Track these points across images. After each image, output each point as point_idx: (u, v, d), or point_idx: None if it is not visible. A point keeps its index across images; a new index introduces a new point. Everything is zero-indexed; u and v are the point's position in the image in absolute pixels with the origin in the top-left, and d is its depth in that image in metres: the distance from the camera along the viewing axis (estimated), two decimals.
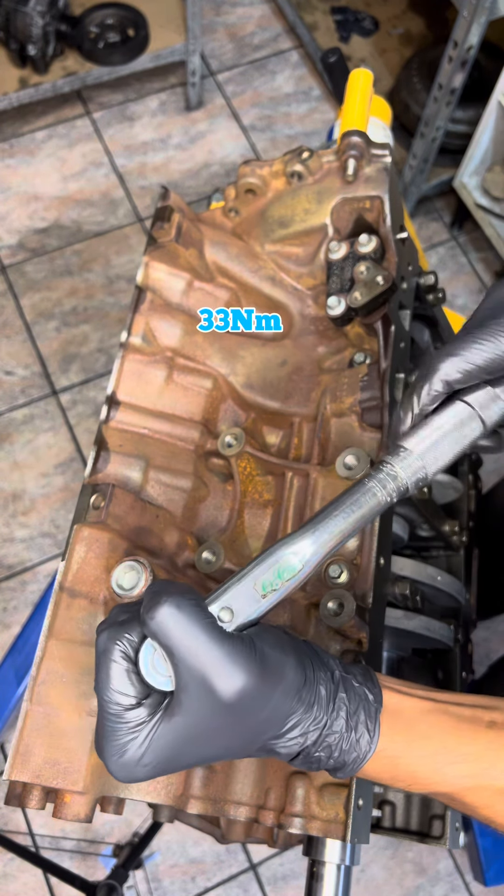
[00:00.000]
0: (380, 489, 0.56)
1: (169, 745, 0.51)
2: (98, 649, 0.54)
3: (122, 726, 0.52)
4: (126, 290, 2.23)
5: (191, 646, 0.50)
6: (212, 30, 2.58)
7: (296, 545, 0.54)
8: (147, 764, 0.51)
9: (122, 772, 0.52)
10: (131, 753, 0.51)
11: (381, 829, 0.95)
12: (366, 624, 0.71)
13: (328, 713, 0.54)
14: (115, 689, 0.52)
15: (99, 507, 0.76)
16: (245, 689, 0.50)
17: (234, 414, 0.92)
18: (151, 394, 0.88)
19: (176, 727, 0.51)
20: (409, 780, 0.57)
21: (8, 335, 2.18)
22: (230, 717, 0.50)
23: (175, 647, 0.50)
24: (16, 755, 0.68)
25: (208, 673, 0.50)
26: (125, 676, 0.52)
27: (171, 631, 0.50)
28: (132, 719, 0.52)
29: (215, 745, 0.52)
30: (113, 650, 0.53)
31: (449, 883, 1.75)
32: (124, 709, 0.52)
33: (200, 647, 0.50)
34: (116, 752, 0.52)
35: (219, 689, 0.50)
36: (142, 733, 0.51)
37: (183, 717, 0.51)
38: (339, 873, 0.70)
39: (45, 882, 1.71)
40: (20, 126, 2.42)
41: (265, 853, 1.75)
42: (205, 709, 0.50)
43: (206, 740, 0.51)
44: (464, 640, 1.00)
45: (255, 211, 0.99)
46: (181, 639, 0.50)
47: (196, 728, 0.51)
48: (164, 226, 0.92)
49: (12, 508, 2.01)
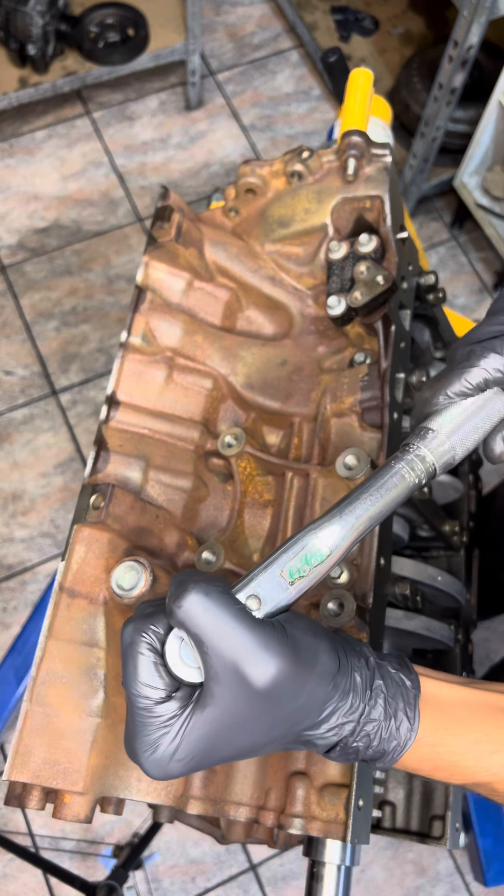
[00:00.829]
0: (408, 471, 0.55)
1: (203, 737, 0.50)
2: (124, 643, 0.52)
3: (153, 721, 0.50)
4: (126, 289, 2.23)
5: (221, 633, 0.48)
6: (212, 29, 2.58)
7: (323, 530, 0.53)
8: (181, 759, 0.50)
9: (155, 768, 0.50)
10: (164, 749, 0.50)
11: (382, 829, 0.95)
12: (366, 624, 0.71)
13: (365, 700, 0.53)
14: (143, 682, 0.51)
15: (99, 508, 0.76)
16: (279, 675, 0.49)
17: (234, 414, 0.92)
18: (151, 394, 0.88)
19: (209, 719, 0.49)
20: (450, 769, 0.56)
21: (8, 335, 2.18)
22: (265, 705, 0.49)
23: (204, 635, 0.49)
24: (15, 755, 0.68)
25: (240, 660, 0.48)
26: (153, 669, 0.51)
27: (199, 619, 0.49)
28: (163, 713, 0.50)
29: (250, 736, 0.50)
30: (139, 643, 0.51)
31: (449, 883, 1.75)
32: (154, 703, 0.50)
33: (231, 633, 0.48)
34: (148, 748, 0.50)
35: (252, 676, 0.48)
36: (174, 727, 0.50)
37: (215, 708, 0.49)
38: (339, 874, 0.70)
39: (44, 882, 1.71)
40: (20, 126, 2.42)
41: (265, 854, 1.75)
42: (238, 698, 0.49)
43: (241, 731, 0.50)
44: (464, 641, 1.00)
45: (255, 211, 0.99)
46: (210, 626, 0.49)
47: (230, 718, 0.49)
48: (164, 225, 0.91)
49: (12, 508, 2.01)
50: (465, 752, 0.55)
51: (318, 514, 0.79)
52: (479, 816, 1.71)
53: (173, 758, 0.50)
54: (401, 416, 0.85)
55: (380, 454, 0.81)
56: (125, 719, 0.53)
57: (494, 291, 2.31)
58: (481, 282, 2.32)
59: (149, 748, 0.50)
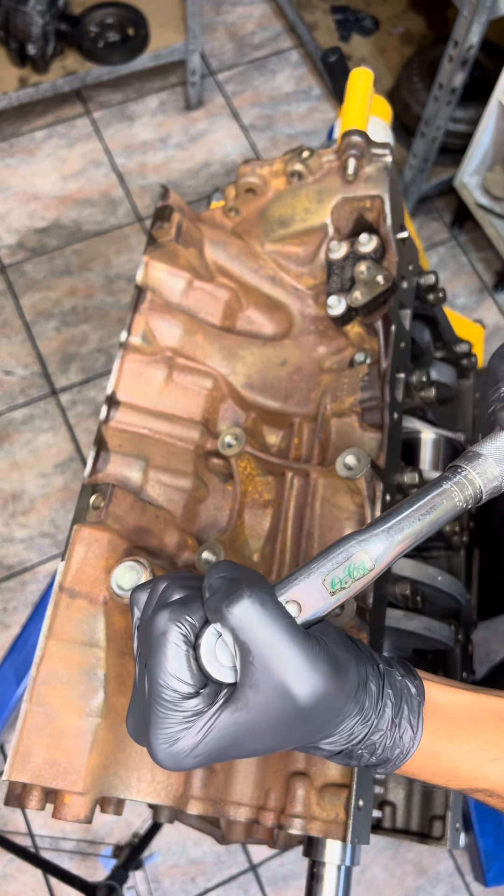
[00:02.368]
0: (457, 493, 0.53)
1: (223, 738, 0.49)
2: (156, 629, 0.50)
3: (177, 714, 0.49)
4: (126, 289, 2.23)
5: (272, 647, 0.48)
6: (212, 29, 2.58)
7: (370, 543, 0.52)
8: (197, 755, 0.49)
9: (169, 761, 0.50)
10: (183, 744, 0.49)
11: (382, 829, 0.95)
12: (366, 624, 0.71)
13: (376, 711, 0.53)
14: (173, 674, 0.49)
15: (99, 507, 0.76)
16: (322, 694, 0.48)
17: (234, 414, 0.92)
18: (151, 394, 0.88)
19: (235, 722, 0.49)
20: (450, 776, 0.56)
21: (7, 335, 2.18)
22: (300, 719, 0.49)
23: (254, 645, 0.48)
24: (15, 756, 0.68)
25: (287, 676, 0.48)
26: (185, 662, 0.49)
27: (252, 628, 0.48)
28: (188, 708, 0.49)
29: (269, 741, 0.50)
30: (173, 632, 0.50)
31: (449, 884, 1.75)
32: (182, 697, 0.49)
33: (282, 649, 0.48)
34: (166, 740, 0.49)
35: (297, 693, 0.48)
36: (197, 724, 0.49)
37: (247, 714, 0.48)
38: (339, 874, 0.70)
39: (44, 883, 1.71)
40: (20, 125, 2.42)
41: (265, 854, 1.74)
42: (276, 709, 0.48)
43: (262, 737, 0.50)
44: (464, 641, 1.00)
45: (256, 210, 0.99)
46: (262, 638, 0.48)
47: (259, 725, 0.49)
48: (164, 225, 0.91)
49: (12, 508, 2.01)
50: (466, 759, 0.55)
51: (319, 513, 0.79)
52: (479, 817, 1.71)
53: (190, 753, 0.49)
54: (401, 415, 0.85)
55: (380, 454, 0.81)
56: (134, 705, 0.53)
57: (495, 291, 2.31)
58: (481, 282, 2.32)
59: (166, 741, 0.49)
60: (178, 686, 0.49)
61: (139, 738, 0.52)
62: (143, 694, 0.51)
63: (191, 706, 0.49)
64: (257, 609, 0.48)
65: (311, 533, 0.79)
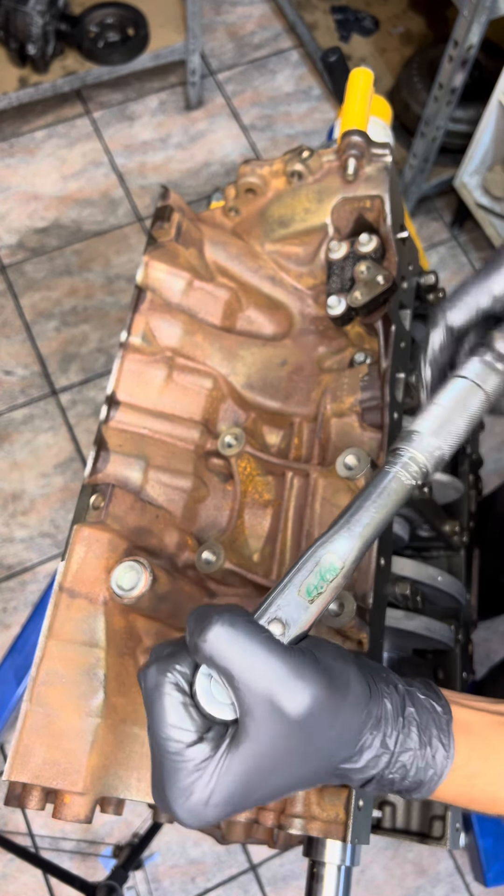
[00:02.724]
0: (404, 474, 0.55)
1: (238, 779, 0.47)
2: (148, 686, 0.49)
3: (185, 765, 0.47)
4: (126, 289, 2.23)
5: (251, 664, 0.46)
6: (212, 29, 2.58)
7: (333, 543, 0.52)
8: (217, 804, 0.47)
9: (190, 817, 0.47)
10: (199, 794, 0.47)
11: (382, 829, 0.95)
12: (366, 624, 0.71)
13: (398, 728, 0.51)
14: (172, 724, 0.48)
15: (99, 508, 0.76)
16: (314, 704, 0.46)
17: (234, 414, 0.92)
18: (151, 394, 0.88)
19: (244, 758, 0.47)
20: (489, 801, 0.54)
21: (7, 335, 2.18)
22: (301, 736, 0.47)
23: (234, 668, 0.46)
24: (15, 756, 0.68)
25: (273, 691, 0.46)
26: (182, 710, 0.48)
27: (226, 651, 0.47)
28: (195, 756, 0.47)
29: (288, 772, 0.48)
30: (164, 683, 0.48)
31: (449, 884, 1.75)
32: (185, 746, 0.47)
33: (261, 664, 0.46)
34: (181, 794, 0.47)
35: (287, 706, 0.46)
36: (207, 770, 0.47)
37: (251, 745, 0.46)
38: (339, 874, 0.70)
39: (44, 883, 1.71)
40: (20, 125, 2.42)
41: (265, 854, 1.74)
42: (273, 731, 0.46)
43: (278, 768, 0.47)
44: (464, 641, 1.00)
45: (256, 210, 0.99)
46: (239, 658, 0.46)
47: (266, 756, 0.47)
48: (164, 225, 0.91)
49: (12, 508, 2.01)
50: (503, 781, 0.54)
51: (319, 513, 0.79)
52: (479, 817, 1.71)
53: (209, 803, 0.47)
54: (401, 415, 0.85)
55: (380, 454, 0.81)
56: (151, 766, 0.50)
57: None
58: None
59: (182, 795, 0.47)
60: (180, 735, 0.48)
61: (161, 803, 0.49)
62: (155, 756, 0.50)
63: (197, 753, 0.47)
64: (227, 630, 0.47)
65: (311, 533, 0.79)
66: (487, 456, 2.08)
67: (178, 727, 0.48)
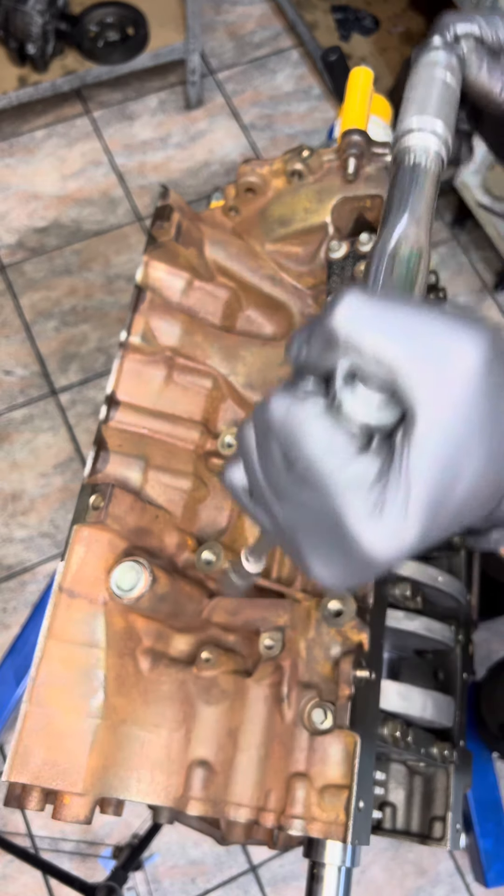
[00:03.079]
0: (423, 157, 0.52)
1: (430, 473, 0.36)
2: (275, 424, 0.40)
3: (361, 482, 0.37)
4: (126, 289, 2.23)
5: (402, 324, 0.36)
6: (211, 28, 2.58)
7: (399, 229, 0.48)
8: (416, 513, 0.37)
9: (389, 543, 0.37)
10: (391, 507, 0.37)
11: (382, 830, 0.95)
12: (367, 625, 0.71)
13: None
14: (323, 446, 0.38)
15: (98, 508, 0.76)
16: (489, 351, 0.36)
17: (234, 414, 0.92)
18: (151, 393, 0.88)
19: (427, 443, 0.36)
20: None
21: (7, 335, 2.18)
22: (483, 399, 0.36)
23: (383, 338, 0.36)
24: (15, 756, 0.68)
25: (438, 347, 0.36)
26: (327, 423, 0.38)
27: (369, 321, 0.37)
28: (368, 469, 0.37)
29: (479, 454, 0.37)
30: (291, 403, 0.39)
31: (450, 884, 1.75)
32: (351, 458, 0.38)
33: (414, 321, 0.36)
34: (369, 518, 0.37)
35: (461, 359, 0.36)
36: (391, 475, 0.37)
37: (431, 425, 0.36)
38: (339, 875, 0.70)
39: (44, 884, 1.71)
40: (19, 125, 2.42)
41: (265, 855, 1.74)
42: (452, 397, 0.36)
43: (469, 448, 0.37)
44: (465, 641, 1.00)
45: (255, 210, 0.99)
46: (389, 322, 0.36)
47: (451, 432, 0.36)
48: (164, 225, 0.91)
49: (11, 508, 2.01)
50: None
51: None
52: (479, 817, 1.70)
53: (408, 513, 0.37)
54: None
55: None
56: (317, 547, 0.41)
57: (495, 291, 2.31)
58: (482, 281, 2.32)
59: (369, 519, 0.37)
60: (339, 452, 0.38)
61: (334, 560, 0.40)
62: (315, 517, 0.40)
63: (370, 464, 0.38)
64: (361, 300, 0.37)
65: None
66: None
67: (331, 444, 0.38)
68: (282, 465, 0.41)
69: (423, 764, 0.92)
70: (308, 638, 0.73)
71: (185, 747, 0.75)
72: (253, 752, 0.73)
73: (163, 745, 0.75)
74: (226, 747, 0.74)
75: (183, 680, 0.76)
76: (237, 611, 0.78)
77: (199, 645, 0.79)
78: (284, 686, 0.72)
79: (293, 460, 0.39)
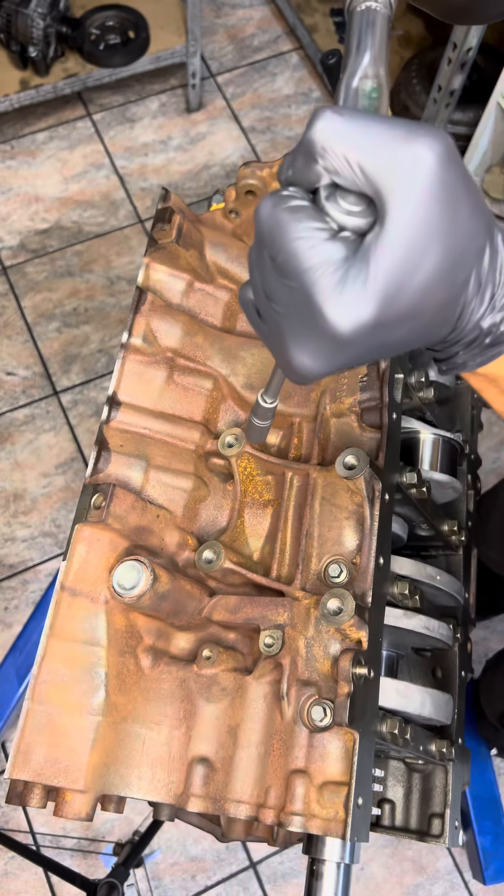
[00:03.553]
0: (373, 2, 0.54)
1: (393, 256, 0.42)
2: (261, 218, 0.46)
3: (330, 261, 0.43)
4: (127, 290, 2.24)
5: (373, 130, 0.42)
6: (212, 31, 2.59)
7: (359, 67, 0.52)
8: (375, 293, 0.43)
9: (348, 317, 0.43)
10: (352, 285, 0.43)
11: (381, 827, 0.96)
12: (365, 623, 0.72)
13: None
14: (300, 233, 0.44)
15: (100, 507, 0.77)
16: (448, 151, 0.42)
17: (235, 414, 0.92)
18: (152, 394, 0.89)
19: (389, 234, 0.42)
20: None
21: (9, 336, 2.19)
22: (446, 195, 0.42)
23: (355, 143, 0.42)
24: (17, 754, 0.69)
25: (400, 151, 0.42)
26: (307, 215, 0.45)
27: (343, 130, 0.43)
28: (337, 251, 0.44)
29: (437, 250, 0.43)
30: (280, 204, 0.45)
31: (448, 881, 1.76)
32: (322, 242, 0.44)
33: (385, 128, 0.42)
34: (333, 293, 0.43)
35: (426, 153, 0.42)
36: (357, 257, 0.43)
37: (395, 219, 0.42)
38: (338, 871, 0.71)
39: (45, 880, 1.71)
40: (21, 128, 2.43)
41: (265, 851, 1.75)
42: (417, 190, 0.42)
43: (430, 242, 0.43)
44: (463, 639, 1.01)
45: None
46: (359, 130, 0.42)
47: (417, 224, 0.42)
48: (165, 227, 0.92)
49: (13, 508, 2.02)
50: None
51: (318, 513, 0.80)
52: (477, 815, 1.71)
53: (366, 290, 0.43)
54: (400, 416, 0.85)
55: (379, 454, 0.82)
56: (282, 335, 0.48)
57: None
58: None
59: (333, 292, 0.43)
60: (313, 235, 0.44)
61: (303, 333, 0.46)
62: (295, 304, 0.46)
63: (339, 247, 0.44)
64: (335, 114, 0.43)
65: (311, 532, 0.79)
66: (485, 456, 2.08)
67: (306, 232, 0.44)
68: (271, 268, 0.47)
69: (421, 761, 0.93)
70: (307, 636, 0.73)
71: (185, 745, 0.76)
72: (253, 750, 0.73)
73: (163, 743, 0.75)
74: (226, 744, 0.75)
75: (183, 678, 0.77)
76: (237, 609, 0.79)
77: (200, 643, 0.79)
78: (284, 684, 0.73)
79: (275, 255, 0.46)
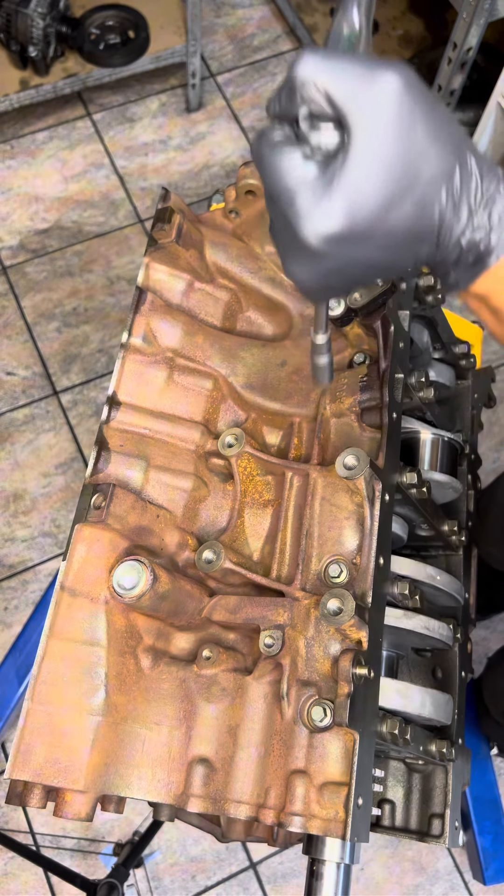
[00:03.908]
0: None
1: (352, 175, 0.49)
2: (253, 154, 0.53)
3: (305, 180, 0.50)
4: (127, 290, 2.24)
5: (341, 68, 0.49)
6: (212, 31, 2.59)
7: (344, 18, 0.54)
8: (336, 202, 0.50)
9: (319, 225, 0.50)
10: (323, 199, 0.50)
11: (381, 827, 0.96)
12: (365, 623, 0.72)
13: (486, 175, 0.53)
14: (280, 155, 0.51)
15: (100, 507, 0.77)
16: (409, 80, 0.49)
17: (235, 414, 0.92)
18: (152, 394, 0.89)
19: (356, 152, 0.49)
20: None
21: (9, 336, 2.19)
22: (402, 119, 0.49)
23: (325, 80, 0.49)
24: (17, 754, 0.69)
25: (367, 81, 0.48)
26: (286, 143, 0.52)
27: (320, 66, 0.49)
28: (310, 170, 0.51)
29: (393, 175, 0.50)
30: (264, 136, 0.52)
31: (448, 881, 1.76)
32: (300, 163, 0.51)
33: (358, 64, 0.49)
34: (309, 205, 0.50)
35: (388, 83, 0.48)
36: (326, 175, 0.50)
37: (361, 138, 0.48)
38: (338, 872, 0.71)
39: (45, 881, 1.71)
40: (21, 127, 2.43)
41: (265, 851, 1.75)
42: (382, 115, 0.49)
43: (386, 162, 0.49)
44: (463, 639, 1.01)
45: (256, 212, 0.99)
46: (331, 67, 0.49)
47: (375, 146, 0.49)
48: (165, 227, 0.92)
49: (13, 508, 2.02)
50: None
51: (318, 513, 0.80)
52: (478, 815, 1.71)
53: (332, 200, 0.49)
54: (400, 416, 0.85)
55: (379, 454, 0.82)
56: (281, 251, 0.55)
57: None
58: None
59: (309, 204, 0.50)
60: (292, 160, 0.51)
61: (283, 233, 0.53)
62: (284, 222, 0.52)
63: (312, 167, 0.50)
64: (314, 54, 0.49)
65: (311, 532, 0.79)
66: (485, 456, 2.08)
67: (286, 156, 0.51)
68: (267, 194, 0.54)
69: (421, 761, 0.93)
70: (307, 636, 0.73)
71: (185, 745, 0.76)
72: (253, 750, 0.73)
73: (163, 743, 0.75)
74: (226, 745, 0.75)
75: (183, 678, 0.77)
76: (237, 609, 0.79)
77: (200, 643, 0.79)
78: (284, 684, 0.73)
79: (265, 181, 0.53)
